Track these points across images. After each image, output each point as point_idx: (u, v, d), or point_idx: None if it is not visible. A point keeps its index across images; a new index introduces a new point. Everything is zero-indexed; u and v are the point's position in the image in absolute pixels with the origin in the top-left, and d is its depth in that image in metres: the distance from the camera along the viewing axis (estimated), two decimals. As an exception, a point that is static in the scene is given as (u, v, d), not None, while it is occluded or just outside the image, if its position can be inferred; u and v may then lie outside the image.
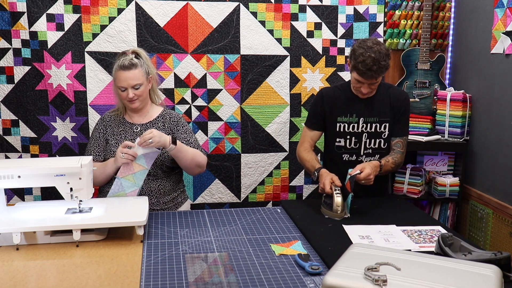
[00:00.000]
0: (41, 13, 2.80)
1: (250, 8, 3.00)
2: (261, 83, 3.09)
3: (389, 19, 3.24)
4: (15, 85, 2.85)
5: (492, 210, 2.87)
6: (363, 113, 2.30)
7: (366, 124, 2.30)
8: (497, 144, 2.84)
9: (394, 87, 2.41)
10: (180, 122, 2.31)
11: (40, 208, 1.88)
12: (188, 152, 2.21)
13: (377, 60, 2.09)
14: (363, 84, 2.19)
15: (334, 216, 2.01)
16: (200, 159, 2.27)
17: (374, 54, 2.09)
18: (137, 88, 2.17)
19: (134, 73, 2.15)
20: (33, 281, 1.47)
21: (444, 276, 1.20)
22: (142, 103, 2.24)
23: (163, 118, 2.30)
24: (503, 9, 2.73)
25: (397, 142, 2.32)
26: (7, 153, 2.92)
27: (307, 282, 1.46)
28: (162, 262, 1.60)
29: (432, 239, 1.78)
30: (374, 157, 2.33)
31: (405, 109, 2.33)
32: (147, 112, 2.30)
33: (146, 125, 2.27)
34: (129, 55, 2.18)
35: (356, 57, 2.13)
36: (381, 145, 2.32)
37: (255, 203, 3.19)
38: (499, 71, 2.80)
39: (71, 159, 1.87)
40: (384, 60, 2.11)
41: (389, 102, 2.30)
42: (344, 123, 2.31)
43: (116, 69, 2.17)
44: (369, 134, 2.31)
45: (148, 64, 2.24)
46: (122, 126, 2.28)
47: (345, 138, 2.33)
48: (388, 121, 2.30)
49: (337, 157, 2.37)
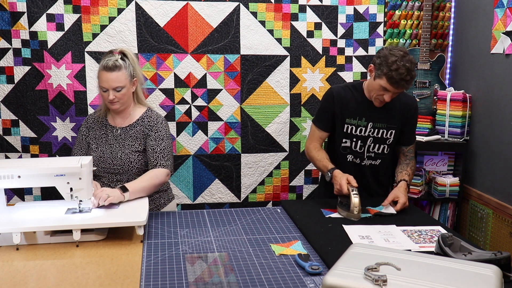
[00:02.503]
0: (41, 13, 2.80)
1: (250, 8, 3.00)
2: (261, 83, 3.09)
3: (389, 19, 3.24)
4: (15, 85, 2.85)
5: (492, 210, 2.87)
6: (372, 118, 2.27)
7: (374, 129, 2.28)
8: (497, 144, 2.84)
9: (404, 93, 2.33)
10: (155, 127, 2.21)
11: (40, 208, 1.88)
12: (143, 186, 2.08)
13: (410, 70, 2.05)
14: (389, 92, 2.12)
15: (351, 217, 2.00)
16: (157, 180, 2.14)
17: (408, 64, 2.04)
18: (119, 90, 2.10)
19: (116, 75, 2.09)
20: (33, 281, 1.47)
21: (444, 276, 1.20)
22: (123, 105, 2.17)
23: (142, 121, 2.22)
24: (503, 9, 2.73)
25: (410, 148, 2.35)
26: (7, 153, 2.93)
27: (307, 282, 1.46)
28: (162, 262, 1.60)
29: (432, 239, 1.78)
30: (376, 161, 2.32)
31: (415, 116, 2.35)
32: (129, 114, 2.23)
33: (126, 128, 2.21)
34: (115, 56, 2.12)
35: (389, 65, 2.05)
36: (384, 151, 2.31)
37: (255, 203, 3.19)
38: (499, 71, 2.80)
39: (71, 159, 1.87)
40: (414, 70, 2.08)
41: (399, 110, 2.28)
42: (352, 125, 2.28)
43: (100, 68, 2.11)
44: (375, 139, 2.29)
45: (134, 66, 2.17)
46: (104, 129, 2.23)
47: (351, 140, 2.31)
48: (395, 128, 2.28)
49: (341, 157, 2.35)
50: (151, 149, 2.18)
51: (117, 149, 2.18)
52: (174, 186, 3.09)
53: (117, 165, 2.16)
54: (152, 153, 2.18)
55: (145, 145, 2.20)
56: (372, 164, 2.33)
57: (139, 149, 2.19)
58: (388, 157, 2.34)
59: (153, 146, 2.19)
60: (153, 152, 2.18)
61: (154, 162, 2.18)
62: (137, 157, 2.18)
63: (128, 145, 2.18)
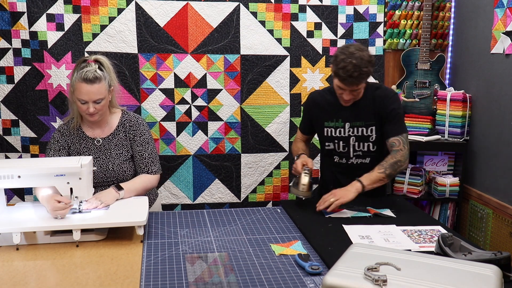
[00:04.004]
0: (41, 13, 2.80)
1: (250, 8, 3.00)
2: (261, 83, 3.09)
3: (389, 19, 3.24)
4: (15, 85, 2.85)
5: (492, 210, 2.87)
6: (348, 118, 2.27)
7: (352, 128, 2.28)
8: (497, 144, 2.84)
9: (381, 88, 2.30)
10: (139, 130, 2.19)
11: (40, 208, 1.88)
12: (136, 188, 2.11)
13: (358, 66, 2.04)
14: (344, 90, 2.15)
15: (299, 194, 2.10)
16: (150, 184, 2.18)
17: (355, 60, 2.04)
18: (99, 102, 2.04)
19: (97, 87, 2.01)
20: (33, 281, 1.47)
21: (444, 276, 1.20)
22: (101, 116, 2.11)
23: (123, 127, 2.18)
24: (503, 9, 2.73)
25: (392, 141, 2.21)
26: (7, 153, 2.93)
27: (307, 282, 1.46)
28: (162, 262, 1.60)
29: (432, 239, 1.78)
30: (365, 159, 2.32)
31: (392, 108, 2.22)
32: (106, 123, 2.17)
33: (108, 138, 2.16)
34: (92, 65, 2.04)
35: (337, 63, 2.08)
36: (370, 148, 2.30)
37: (255, 203, 3.19)
38: (499, 71, 2.80)
39: (71, 159, 1.87)
40: (366, 66, 2.07)
41: (372, 105, 2.25)
42: (330, 127, 2.31)
43: (77, 79, 2.01)
44: (357, 138, 2.29)
45: (110, 75, 2.11)
46: (83, 141, 2.15)
47: (333, 142, 2.33)
48: (374, 125, 2.26)
49: (329, 159, 2.40)
50: (139, 155, 2.19)
51: (105, 161, 2.14)
52: (174, 186, 3.09)
53: (110, 177, 2.14)
54: (140, 159, 2.19)
55: (132, 151, 2.19)
56: (362, 163, 2.32)
57: (128, 157, 2.18)
58: (377, 154, 2.31)
59: (140, 152, 2.19)
60: (141, 158, 2.19)
61: (145, 168, 2.20)
62: (128, 164, 2.18)
63: (115, 154, 2.16)
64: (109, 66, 2.13)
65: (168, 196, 3.10)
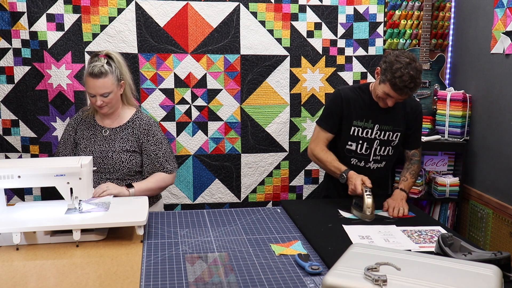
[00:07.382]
0: (41, 13, 2.80)
1: (250, 8, 3.00)
2: (261, 83, 3.09)
3: (389, 19, 3.24)
4: (15, 85, 2.85)
5: (492, 210, 2.87)
6: (379, 121, 2.26)
7: (380, 132, 2.27)
8: (497, 144, 2.84)
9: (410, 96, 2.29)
10: (151, 131, 2.22)
11: (40, 208, 1.88)
12: (150, 187, 2.16)
13: (414, 77, 2.04)
14: (391, 98, 2.13)
15: (364, 217, 2.01)
16: (164, 183, 2.23)
17: (412, 71, 2.03)
18: (106, 96, 2.09)
19: (102, 81, 2.07)
20: (33, 281, 1.47)
21: (444, 276, 1.20)
22: (111, 108, 2.16)
23: (133, 123, 2.22)
24: (503, 9, 2.73)
25: (415, 152, 2.36)
26: (7, 153, 2.93)
27: (307, 282, 1.46)
28: (162, 262, 1.60)
29: (432, 239, 1.78)
30: (381, 164, 2.32)
31: (419, 120, 2.35)
32: (118, 116, 2.22)
33: (116, 129, 2.20)
34: (101, 60, 2.09)
35: (394, 72, 2.04)
36: (389, 153, 2.31)
37: (255, 203, 3.19)
38: (499, 71, 2.80)
39: (71, 159, 1.86)
40: (419, 78, 2.07)
41: (405, 113, 2.27)
42: (359, 127, 2.27)
43: (86, 74, 2.09)
44: (381, 142, 2.28)
45: (120, 69, 2.15)
46: (92, 129, 2.21)
47: (357, 143, 2.29)
48: (401, 131, 2.28)
49: (345, 159, 2.31)
50: (154, 154, 2.20)
51: (106, 149, 2.17)
52: (174, 186, 3.09)
53: (108, 165, 2.17)
54: (155, 158, 2.21)
55: (137, 147, 2.20)
56: (378, 168, 2.32)
57: (130, 150, 2.19)
58: (392, 158, 2.35)
59: (154, 151, 2.21)
60: (156, 157, 2.21)
61: (160, 167, 2.22)
62: (128, 157, 2.18)
63: (118, 145, 2.18)
64: (119, 60, 2.17)
65: (168, 196, 3.10)
